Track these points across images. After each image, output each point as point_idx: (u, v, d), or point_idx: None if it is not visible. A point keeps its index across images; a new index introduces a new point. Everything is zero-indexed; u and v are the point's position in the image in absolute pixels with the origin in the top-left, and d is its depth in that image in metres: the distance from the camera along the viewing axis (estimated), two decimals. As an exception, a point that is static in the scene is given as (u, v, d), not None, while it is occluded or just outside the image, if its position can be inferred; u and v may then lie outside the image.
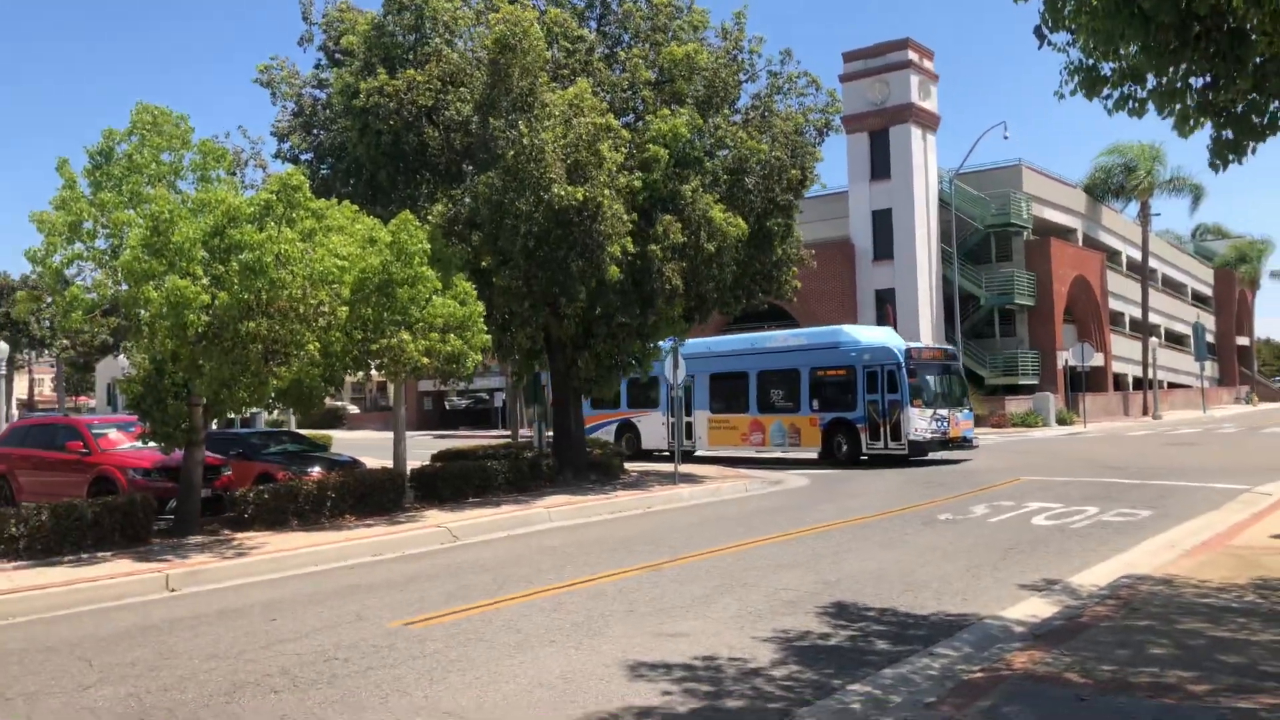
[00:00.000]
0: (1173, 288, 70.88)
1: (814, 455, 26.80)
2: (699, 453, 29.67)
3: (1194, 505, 15.76)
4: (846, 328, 29.59)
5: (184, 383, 13.88)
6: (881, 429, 25.30)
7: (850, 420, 26.03)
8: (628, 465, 24.14)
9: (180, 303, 12.02)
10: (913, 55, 47.01)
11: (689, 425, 29.03)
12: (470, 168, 20.17)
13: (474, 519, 15.83)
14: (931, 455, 25.79)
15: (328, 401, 58.89)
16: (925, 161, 47.66)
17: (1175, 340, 67.53)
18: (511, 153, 18.00)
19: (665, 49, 21.74)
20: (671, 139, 20.21)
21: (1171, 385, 63.91)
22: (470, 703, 6.65)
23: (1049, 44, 7.49)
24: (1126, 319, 59.69)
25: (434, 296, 15.50)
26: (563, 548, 13.63)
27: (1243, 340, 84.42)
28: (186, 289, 12.04)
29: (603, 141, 18.66)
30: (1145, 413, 53.53)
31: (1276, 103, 7.43)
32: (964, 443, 26.32)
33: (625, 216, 18.60)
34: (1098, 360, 50.86)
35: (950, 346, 31.32)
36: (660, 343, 22.02)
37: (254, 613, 9.89)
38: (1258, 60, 7.05)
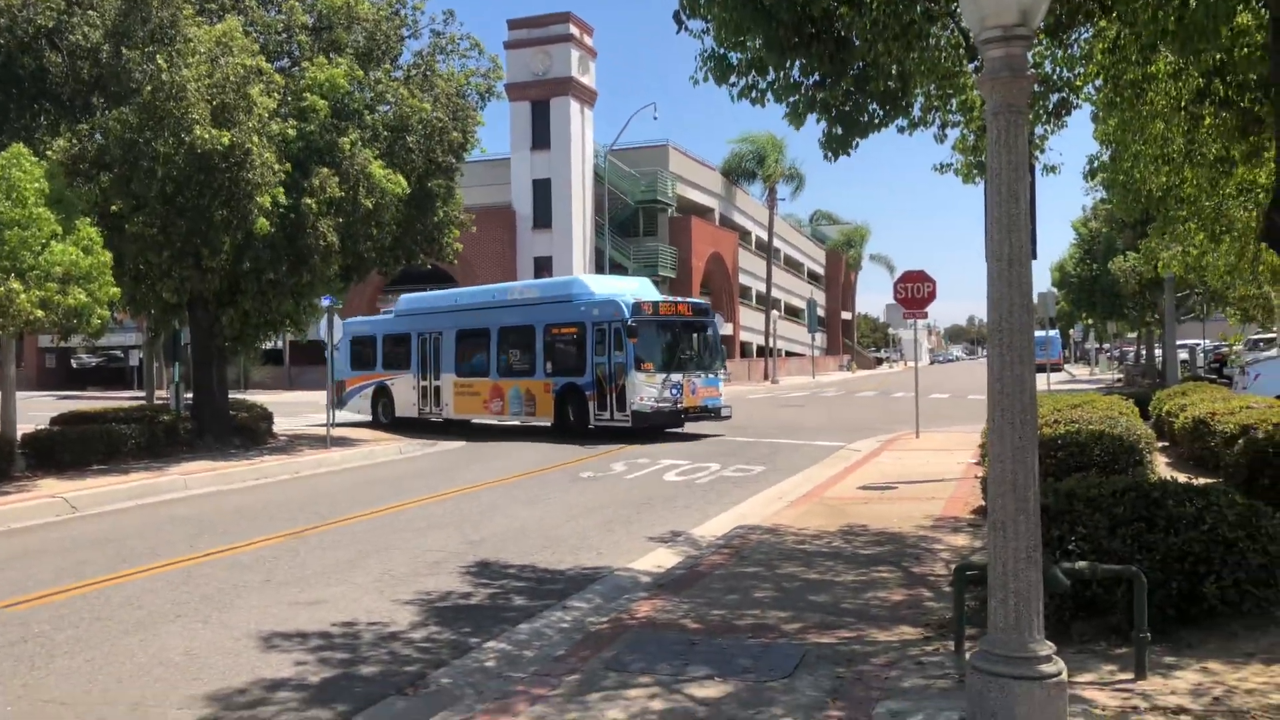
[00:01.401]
0: (793, 266, 78.39)
1: (549, 425, 23.60)
2: (451, 417, 26.03)
3: (800, 461, 17.73)
4: (585, 277, 26.44)
5: None
6: (608, 396, 21.90)
7: (580, 386, 22.59)
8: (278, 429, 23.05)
9: None
10: (574, 30, 48.16)
11: (438, 390, 26.12)
12: (101, 101, 18.19)
13: (97, 488, 14.51)
14: (679, 428, 23.13)
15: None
16: (583, 135, 49.15)
17: (793, 313, 74.86)
18: (149, 88, 16.47)
19: (324, -7, 20.79)
20: (329, 89, 19.45)
21: (789, 354, 70.98)
22: (77, 687, 6.21)
23: (687, 30, 8.08)
24: (754, 293, 65.27)
25: (52, 242, 13.91)
26: (198, 517, 12.87)
27: (846, 315, 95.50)
28: None
29: (253, 85, 17.57)
30: (766, 378, 58.96)
31: (874, 103, 8.53)
32: (705, 413, 22.75)
33: (277, 166, 17.66)
34: (728, 330, 55.19)
35: (701, 300, 26.79)
36: (319, 300, 21.14)
37: None
38: (860, 64, 8.05)
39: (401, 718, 5.53)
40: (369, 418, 27.81)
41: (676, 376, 22.12)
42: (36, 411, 23.85)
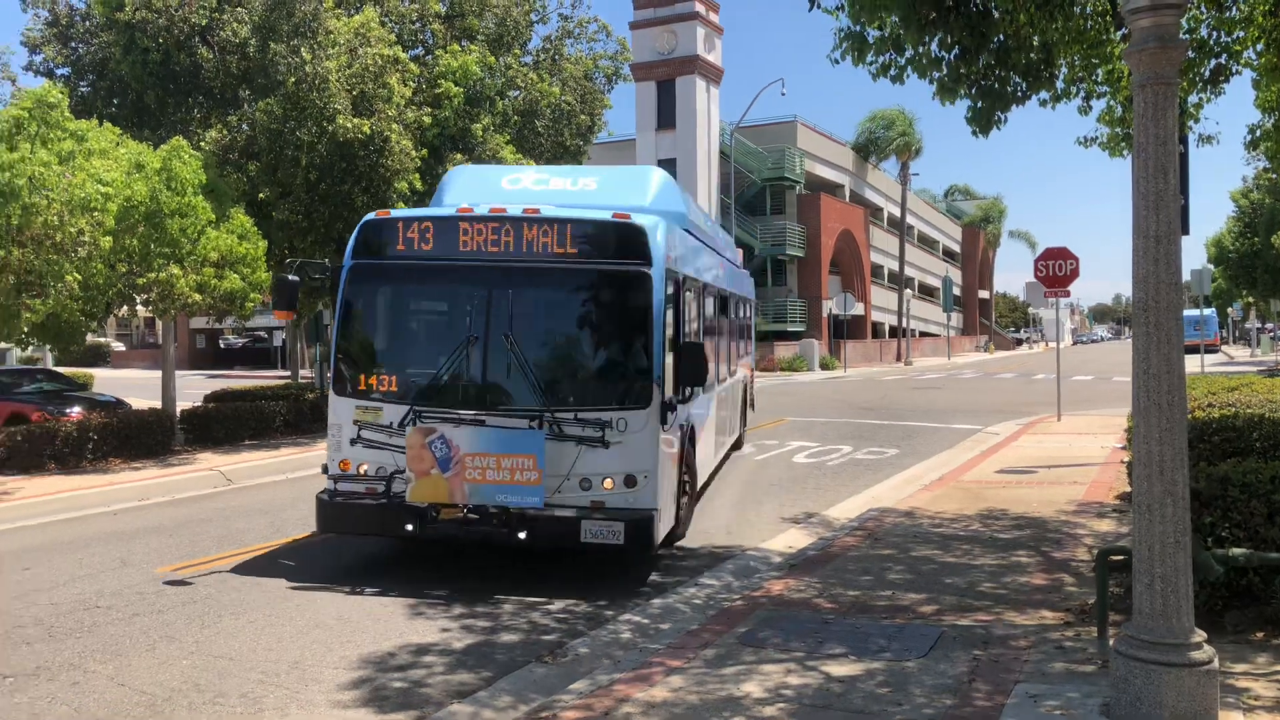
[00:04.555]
0: (927, 243, 76.32)
1: None
2: None
3: (934, 444, 17.38)
4: (472, 168, 12.34)
5: (-79, 315, 12.68)
6: None
7: None
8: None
9: (-87, 227, 10.96)
10: (700, 7, 47.92)
11: None
12: (248, 93, 19.16)
13: (250, 461, 15.35)
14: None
15: (90, 338, 54.49)
16: (709, 114, 48.94)
17: (927, 292, 72.96)
18: (293, 80, 17.25)
19: (456, -18, 21.34)
20: (462, 76, 19.94)
21: (922, 334, 69.26)
22: (243, 646, 6.64)
23: (819, 7, 7.99)
24: (885, 271, 63.88)
25: (208, 229, 14.76)
26: (343, 489, 13.47)
27: (984, 294, 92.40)
28: (-80, 212, 10.99)
29: (391, 74, 18.18)
30: (899, 359, 57.77)
31: (1017, 76, 8.28)
32: (503, 525, 8.04)
33: (414, 153, 18.26)
34: (859, 310, 54.23)
35: (596, 214, 8.76)
36: None
37: (4, 561, 9.32)
38: (1000, 38, 7.84)
39: (542, 684, 5.73)
40: None
41: (433, 425, 8.17)
42: (191, 390, 25.29)
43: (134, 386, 29.31)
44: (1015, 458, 15.02)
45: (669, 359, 8.43)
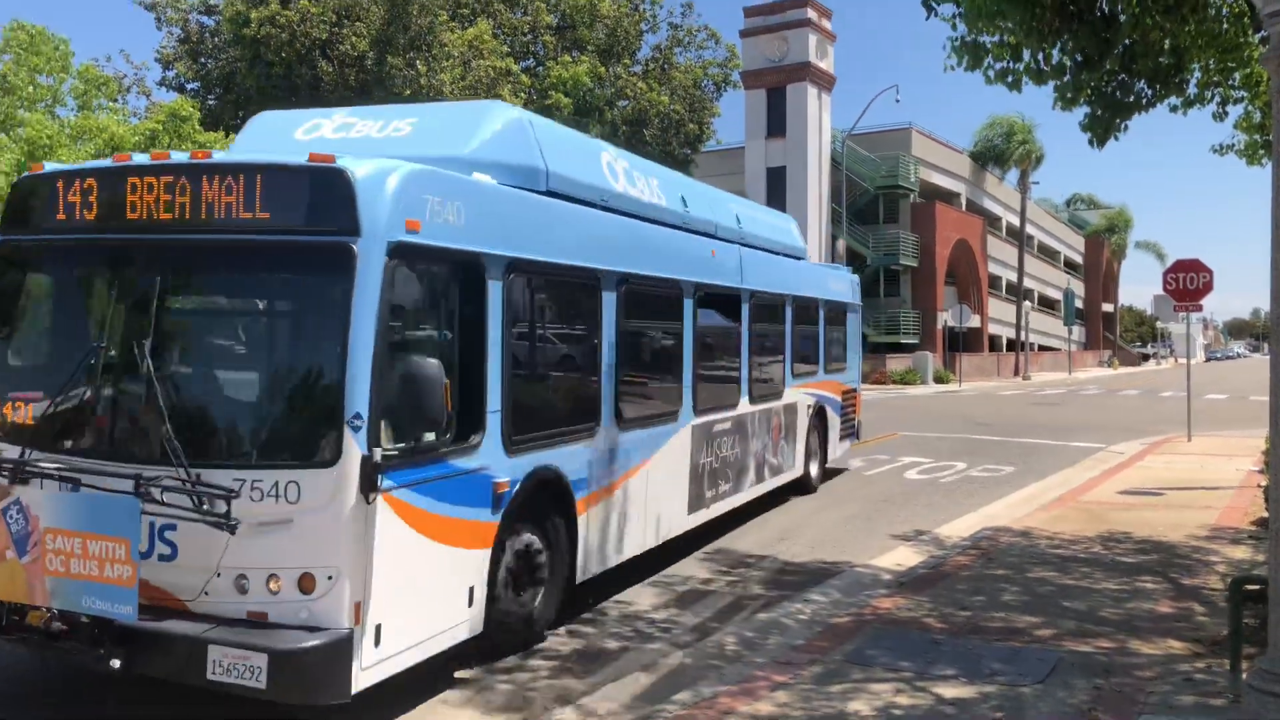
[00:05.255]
0: (1047, 254, 73.94)
1: None
2: None
3: (1053, 462, 16.77)
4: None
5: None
6: None
7: None
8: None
9: (59, 235, 11.66)
10: (812, 14, 47.48)
11: None
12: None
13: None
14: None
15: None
16: (820, 121, 48.38)
17: (1047, 305, 70.60)
18: (409, 92, 17.78)
19: (569, -6, 21.69)
20: (573, 86, 20.24)
21: (1042, 348, 67.05)
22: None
23: (936, 14, 7.81)
24: (1004, 283, 62.09)
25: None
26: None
27: (1108, 307, 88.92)
28: (66, 221, 11.69)
29: (503, 85, 18.57)
30: (1017, 373, 56.07)
31: (1141, 83, 7.96)
32: (171, 658, 4.95)
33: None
34: (975, 322, 52.82)
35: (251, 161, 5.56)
36: None
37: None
38: (1126, 43, 7.54)
39: (647, 693, 5.72)
40: None
41: (9, 485, 5.21)
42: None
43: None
44: (1140, 478, 14.39)
45: (417, 389, 5.25)
